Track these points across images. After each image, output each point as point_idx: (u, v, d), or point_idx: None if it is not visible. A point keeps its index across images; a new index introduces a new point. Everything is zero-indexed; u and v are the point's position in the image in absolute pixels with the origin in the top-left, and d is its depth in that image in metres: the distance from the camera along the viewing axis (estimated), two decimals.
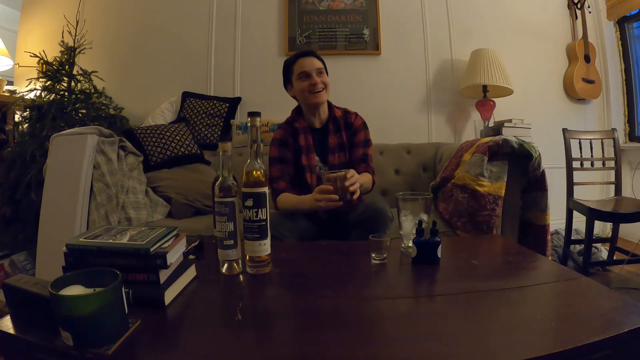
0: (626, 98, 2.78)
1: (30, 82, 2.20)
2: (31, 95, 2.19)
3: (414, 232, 0.93)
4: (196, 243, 0.92)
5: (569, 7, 2.76)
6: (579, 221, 2.06)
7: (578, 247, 2.17)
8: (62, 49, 2.22)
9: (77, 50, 2.24)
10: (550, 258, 1.68)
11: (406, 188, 2.13)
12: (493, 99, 2.46)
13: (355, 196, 1.20)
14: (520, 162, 1.55)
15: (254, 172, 0.84)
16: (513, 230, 1.60)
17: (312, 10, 2.62)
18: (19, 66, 2.59)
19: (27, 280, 0.62)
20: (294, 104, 1.54)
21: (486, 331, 0.61)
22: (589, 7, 2.70)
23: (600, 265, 2.10)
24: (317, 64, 1.41)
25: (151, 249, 0.67)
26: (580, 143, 2.14)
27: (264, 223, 0.84)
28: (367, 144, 1.50)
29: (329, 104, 1.50)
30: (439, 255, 0.90)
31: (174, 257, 0.72)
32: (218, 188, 0.83)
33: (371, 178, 1.44)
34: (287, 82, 1.48)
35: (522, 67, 2.63)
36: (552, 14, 2.75)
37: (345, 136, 1.47)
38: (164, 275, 0.69)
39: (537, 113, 2.58)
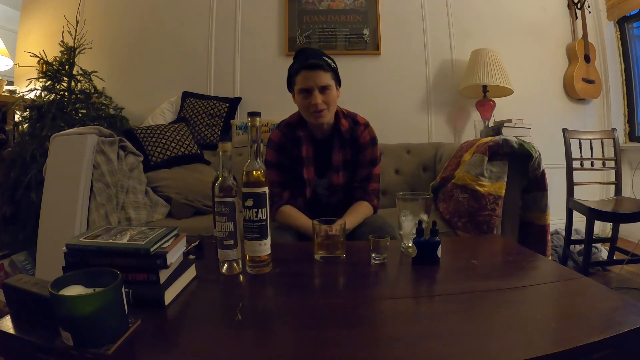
0: (626, 98, 2.79)
1: (30, 82, 2.20)
2: (31, 95, 2.18)
3: (414, 232, 0.92)
4: (196, 243, 0.92)
5: (569, 7, 2.76)
6: (579, 221, 2.06)
7: (578, 247, 2.17)
8: (62, 49, 2.22)
9: (77, 50, 2.24)
10: (550, 258, 1.68)
11: (406, 188, 2.14)
12: (493, 99, 2.46)
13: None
14: (520, 162, 1.55)
15: (254, 172, 0.84)
16: (513, 230, 1.60)
17: (312, 10, 2.62)
18: (19, 66, 2.59)
19: (27, 280, 0.62)
20: (294, 103, 1.52)
21: (486, 331, 0.61)
22: (589, 7, 2.71)
23: (600, 265, 2.10)
24: (322, 79, 1.20)
25: (151, 249, 0.67)
26: (580, 143, 2.14)
27: (264, 223, 0.84)
28: (373, 162, 1.33)
29: (336, 112, 1.32)
30: (439, 255, 0.90)
31: (174, 257, 0.72)
32: (218, 188, 0.83)
33: (367, 207, 1.31)
34: (290, 89, 1.31)
35: (522, 67, 2.63)
36: (552, 14, 2.75)
37: (350, 152, 1.33)
38: (164, 275, 0.69)
39: (537, 113, 2.58)
